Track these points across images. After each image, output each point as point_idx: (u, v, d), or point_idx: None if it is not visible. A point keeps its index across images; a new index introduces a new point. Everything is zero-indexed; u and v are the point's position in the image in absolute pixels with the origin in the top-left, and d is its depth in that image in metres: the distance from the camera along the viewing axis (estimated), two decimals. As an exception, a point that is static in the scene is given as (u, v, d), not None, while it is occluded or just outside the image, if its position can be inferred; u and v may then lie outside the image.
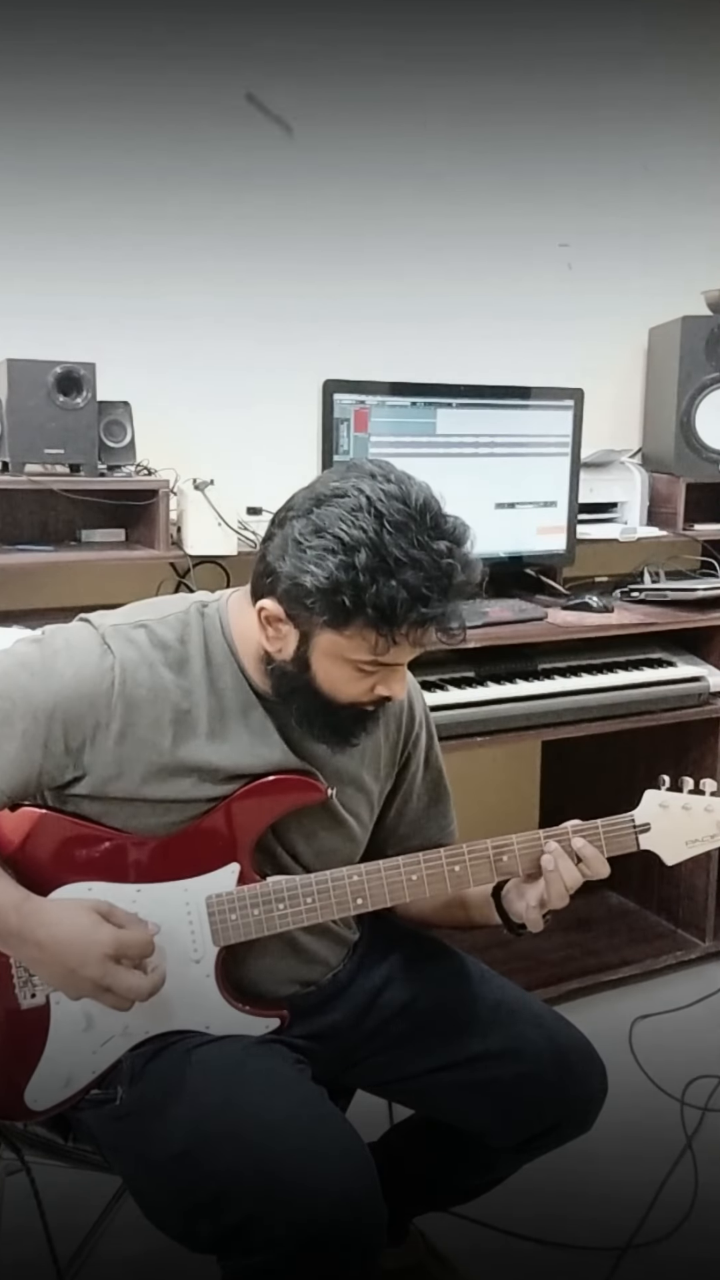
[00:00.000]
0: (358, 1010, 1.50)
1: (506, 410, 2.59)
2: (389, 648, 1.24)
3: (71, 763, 1.31)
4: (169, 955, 1.35)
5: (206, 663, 1.35)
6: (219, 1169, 1.23)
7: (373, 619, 1.21)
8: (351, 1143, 1.27)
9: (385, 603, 1.19)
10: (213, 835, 1.35)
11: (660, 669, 2.61)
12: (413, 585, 1.20)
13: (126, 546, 2.42)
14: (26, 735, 1.29)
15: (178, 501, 2.36)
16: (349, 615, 1.21)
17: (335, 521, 1.21)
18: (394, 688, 1.31)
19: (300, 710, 1.33)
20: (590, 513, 2.81)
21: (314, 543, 1.22)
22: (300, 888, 1.37)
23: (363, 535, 1.20)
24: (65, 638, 1.34)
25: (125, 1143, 1.35)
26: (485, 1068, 1.46)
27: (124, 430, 2.33)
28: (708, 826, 1.40)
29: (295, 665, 1.30)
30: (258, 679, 1.37)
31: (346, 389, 2.40)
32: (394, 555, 1.19)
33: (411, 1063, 1.50)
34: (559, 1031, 1.50)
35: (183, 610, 1.38)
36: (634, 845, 1.41)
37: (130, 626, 1.35)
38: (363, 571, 1.19)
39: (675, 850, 1.41)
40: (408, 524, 1.21)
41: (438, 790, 1.58)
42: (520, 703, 2.38)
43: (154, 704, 1.31)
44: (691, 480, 2.89)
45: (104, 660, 1.31)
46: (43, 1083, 1.35)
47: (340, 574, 1.19)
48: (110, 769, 1.31)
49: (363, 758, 1.46)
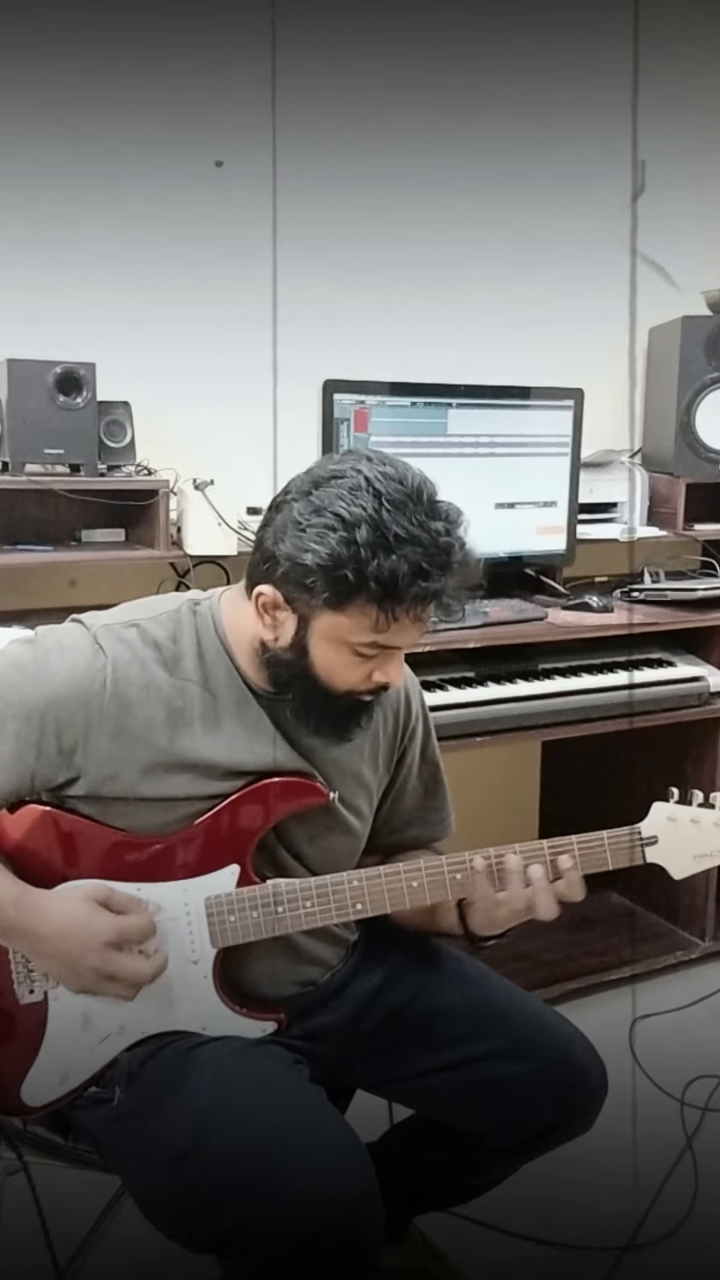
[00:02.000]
0: (356, 1010, 1.50)
1: (507, 410, 2.59)
2: (389, 624, 1.24)
3: (65, 764, 1.31)
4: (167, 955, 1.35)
5: (199, 660, 1.35)
6: (217, 1169, 1.23)
7: (375, 594, 1.21)
8: (350, 1143, 1.27)
9: (388, 576, 1.20)
10: (213, 836, 1.35)
11: (660, 669, 2.60)
12: (413, 560, 1.21)
13: (126, 546, 2.42)
14: (19, 737, 1.29)
15: (178, 501, 2.36)
16: (351, 592, 1.21)
17: (335, 501, 1.22)
18: (391, 674, 1.31)
19: (297, 701, 1.33)
20: (590, 513, 2.81)
21: (314, 521, 1.22)
22: (300, 891, 1.37)
23: (363, 512, 1.21)
24: (57, 638, 1.34)
25: (123, 1143, 1.35)
26: (485, 1068, 1.46)
27: (124, 430, 2.33)
28: (717, 840, 1.39)
29: (293, 652, 1.29)
30: (252, 674, 1.36)
31: (346, 389, 2.40)
32: (394, 531, 1.20)
33: (411, 1063, 1.50)
34: (559, 1031, 1.50)
35: (175, 608, 1.38)
36: (640, 858, 1.40)
37: (122, 626, 1.35)
38: (364, 547, 1.20)
39: (683, 864, 1.40)
40: (406, 503, 1.22)
41: (434, 784, 1.58)
42: (520, 703, 2.38)
43: (147, 702, 1.31)
44: (691, 480, 2.89)
45: (95, 660, 1.31)
46: (40, 1078, 1.35)
47: (342, 550, 1.20)
48: (105, 769, 1.31)
49: (361, 752, 1.46)
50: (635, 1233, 1.91)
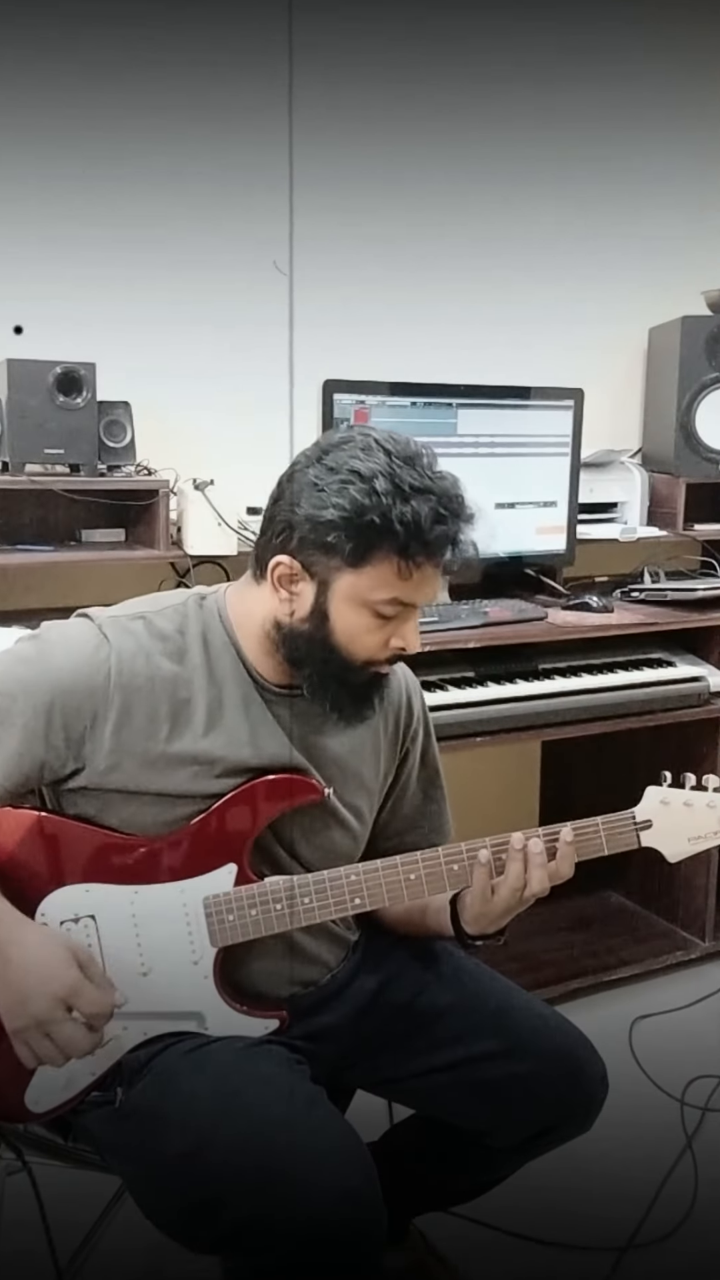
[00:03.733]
0: (357, 1010, 1.50)
1: (507, 410, 2.59)
2: (412, 572, 1.27)
3: (72, 755, 1.31)
4: (168, 956, 1.35)
5: (205, 653, 1.36)
6: (218, 1169, 1.23)
7: (400, 539, 1.25)
8: (351, 1143, 1.27)
9: (411, 519, 1.24)
10: (209, 836, 1.35)
11: (660, 669, 2.60)
12: (431, 505, 1.26)
13: (126, 546, 2.42)
14: (27, 729, 1.29)
15: (178, 501, 2.36)
16: (375, 540, 1.25)
17: (348, 460, 1.27)
18: (408, 637, 1.33)
19: (315, 678, 1.34)
20: (590, 513, 2.81)
21: (331, 480, 1.26)
22: (298, 888, 1.36)
23: (377, 466, 1.26)
24: (61, 631, 1.35)
25: (125, 1143, 1.35)
26: (485, 1068, 1.46)
27: (124, 430, 2.33)
28: (710, 823, 1.40)
29: (311, 621, 1.30)
30: (260, 666, 1.37)
31: (346, 389, 2.40)
32: (408, 482, 1.26)
33: (411, 1063, 1.50)
34: (559, 1031, 1.50)
35: (181, 602, 1.39)
36: (635, 842, 1.41)
37: (128, 618, 1.36)
38: (384, 495, 1.24)
39: (677, 847, 1.40)
40: (415, 459, 1.29)
41: (432, 788, 1.58)
42: (520, 703, 2.38)
43: (151, 693, 1.32)
44: (691, 480, 2.89)
45: (100, 650, 1.31)
46: (43, 1084, 1.35)
47: (364, 499, 1.24)
48: (109, 759, 1.31)
49: (362, 752, 1.46)
50: (635, 1233, 1.91)
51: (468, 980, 1.54)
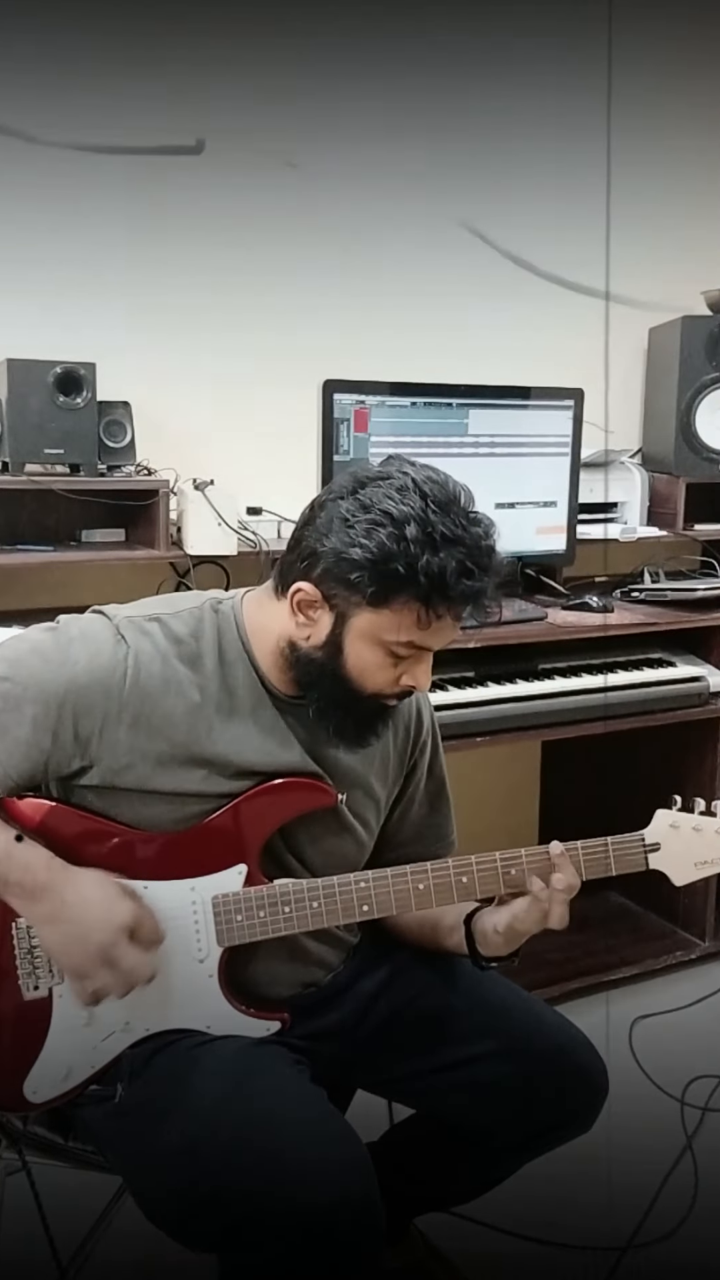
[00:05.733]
0: (358, 1011, 1.50)
1: (507, 410, 2.59)
2: (431, 622, 1.26)
3: (79, 753, 1.31)
4: (173, 953, 1.35)
5: (219, 659, 1.36)
6: (218, 1167, 1.23)
7: (422, 589, 1.23)
8: (351, 1143, 1.27)
9: (436, 572, 1.23)
10: (221, 835, 1.35)
11: (660, 669, 2.60)
12: (459, 559, 1.24)
13: (126, 546, 2.42)
14: (36, 721, 1.29)
15: (178, 501, 2.36)
16: (397, 587, 1.23)
17: (382, 499, 1.25)
18: (419, 678, 1.32)
19: (321, 702, 1.34)
20: (590, 513, 2.81)
21: (362, 518, 1.24)
22: (307, 892, 1.37)
23: (410, 511, 1.23)
24: (80, 627, 1.35)
25: (124, 1140, 1.35)
26: (485, 1068, 1.46)
27: (124, 430, 2.33)
28: (717, 848, 1.40)
29: (325, 650, 1.30)
30: (272, 677, 1.37)
31: (346, 389, 2.40)
32: (440, 531, 1.23)
33: (411, 1063, 1.50)
34: (559, 1031, 1.50)
35: (196, 606, 1.39)
36: (643, 865, 1.41)
37: (144, 619, 1.36)
38: (413, 543, 1.22)
39: (684, 871, 1.41)
40: (450, 505, 1.26)
41: (438, 800, 1.58)
42: (520, 703, 2.38)
43: (166, 696, 1.32)
44: (691, 480, 2.89)
45: (118, 650, 1.31)
46: (42, 1074, 1.35)
47: (392, 545, 1.23)
48: (121, 759, 1.31)
49: (371, 763, 1.46)
50: (635, 1233, 1.91)
51: (467, 981, 1.53)
